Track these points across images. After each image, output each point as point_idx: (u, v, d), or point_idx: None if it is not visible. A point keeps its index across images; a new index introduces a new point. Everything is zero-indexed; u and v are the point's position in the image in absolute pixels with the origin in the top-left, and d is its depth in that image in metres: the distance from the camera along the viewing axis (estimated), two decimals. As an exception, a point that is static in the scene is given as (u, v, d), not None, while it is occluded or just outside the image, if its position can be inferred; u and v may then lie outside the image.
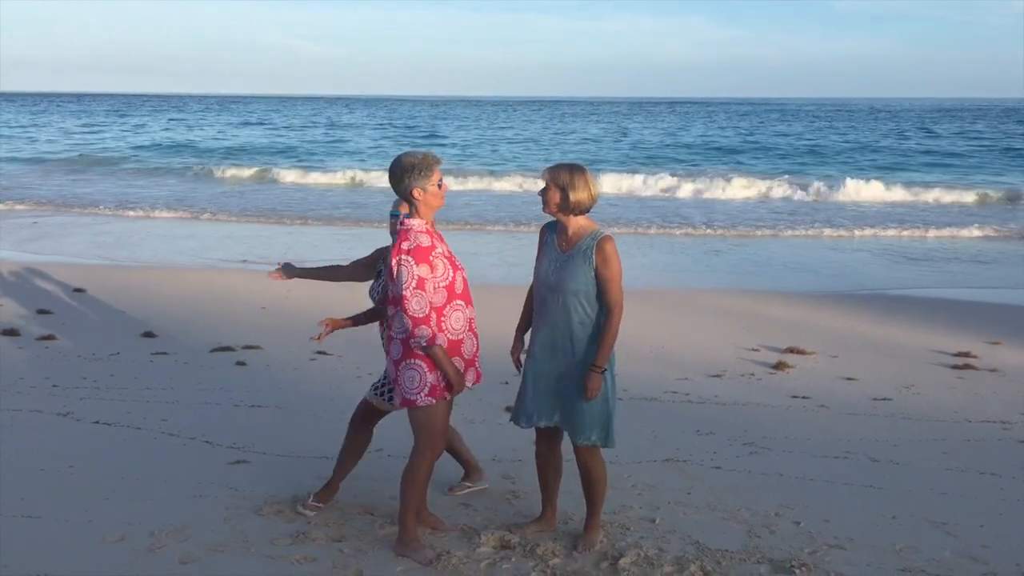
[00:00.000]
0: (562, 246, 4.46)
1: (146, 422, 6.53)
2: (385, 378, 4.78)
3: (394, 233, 4.53)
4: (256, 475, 5.53)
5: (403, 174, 4.31)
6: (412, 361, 4.34)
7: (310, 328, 9.40)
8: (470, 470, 5.33)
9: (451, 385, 4.36)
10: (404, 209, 4.46)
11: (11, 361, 8.12)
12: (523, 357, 4.66)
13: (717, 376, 8.09)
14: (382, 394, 4.80)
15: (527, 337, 4.70)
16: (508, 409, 5.67)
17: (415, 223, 4.36)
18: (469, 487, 5.29)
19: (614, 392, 4.51)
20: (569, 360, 4.44)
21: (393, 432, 6.01)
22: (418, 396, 4.37)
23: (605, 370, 4.39)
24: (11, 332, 9.03)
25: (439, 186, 4.36)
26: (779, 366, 8.32)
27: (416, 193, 4.32)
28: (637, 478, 5.59)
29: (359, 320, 5.02)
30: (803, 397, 7.46)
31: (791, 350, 8.84)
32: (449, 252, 4.44)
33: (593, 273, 4.35)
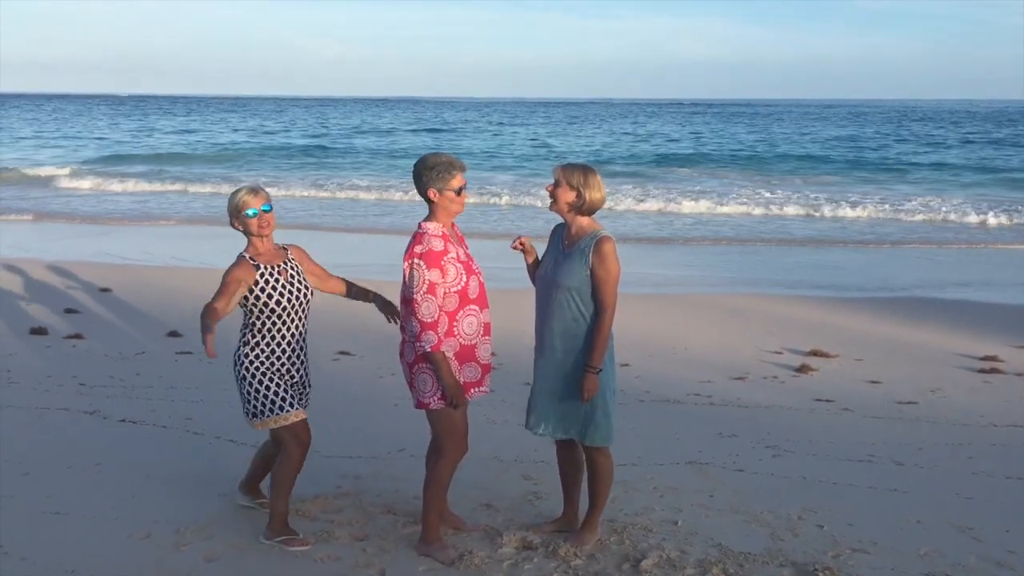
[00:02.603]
0: (564, 244, 4.51)
1: (171, 421, 6.59)
2: None
3: None
4: (280, 474, 5.56)
5: (423, 173, 4.33)
6: (425, 365, 4.36)
7: (332, 329, 9.51)
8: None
9: (446, 396, 4.35)
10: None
11: (39, 360, 8.23)
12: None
13: (740, 379, 8.05)
14: None
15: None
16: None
17: (431, 227, 4.36)
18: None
19: (611, 392, 4.51)
20: (559, 357, 4.47)
21: (415, 432, 6.04)
22: (432, 399, 4.39)
23: (600, 370, 4.40)
24: (39, 331, 9.14)
25: (458, 193, 4.36)
26: (802, 369, 8.28)
27: (431, 193, 4.33)
28: (659, 480, 5.58)
29: (352, 293, 4.95)
30: (827, 400, 7.42)
31: (814, 353, 8.79)
32: (466, 256, 4.44)
33: (589, 272, 4.37)
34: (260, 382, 4.55)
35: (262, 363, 4.56)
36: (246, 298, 4.51)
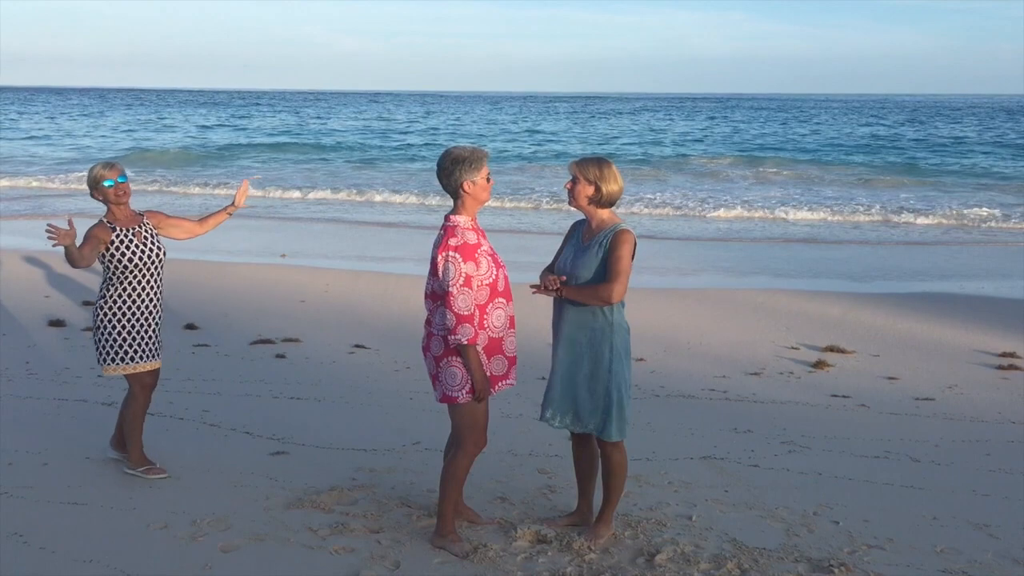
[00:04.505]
0: (584, 238, 4.52)
1: (188, 413, 6.64)
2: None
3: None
4: (296, 466, 5.60)
5: (453, 167, 4.33)
6: (454, 358, 4.36)
7: (348, 322, 9.56)
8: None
9: (474, 390, 4.36)
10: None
11: (57, 351, 8.30)
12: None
13: (756, 374, 8.03)
14: None
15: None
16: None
17: (461, 220, 4.37)
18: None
19: (626, 386, 4.51)
20: (575, 350, 4.46)
21: (430, 425, 6.07)
22: (459, 393, 4.39)
23: (562, 295, 4.39)
24: (57, 323, 9.23)
25: (487, 180, 4.39)
26: (819, 365, 8.24)
27: (466, 186, 4.33)
28: (674, 475, 5.58)
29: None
30: (843, 396, 7.39)
31: (831, 349, 8.75)
32: (492, 249, 4.46)
33: (605, 263, 4.38)
34: (115, 332, 5.18)
35: (116, 315, 5.18)
36: (103, 256, 5.13)
